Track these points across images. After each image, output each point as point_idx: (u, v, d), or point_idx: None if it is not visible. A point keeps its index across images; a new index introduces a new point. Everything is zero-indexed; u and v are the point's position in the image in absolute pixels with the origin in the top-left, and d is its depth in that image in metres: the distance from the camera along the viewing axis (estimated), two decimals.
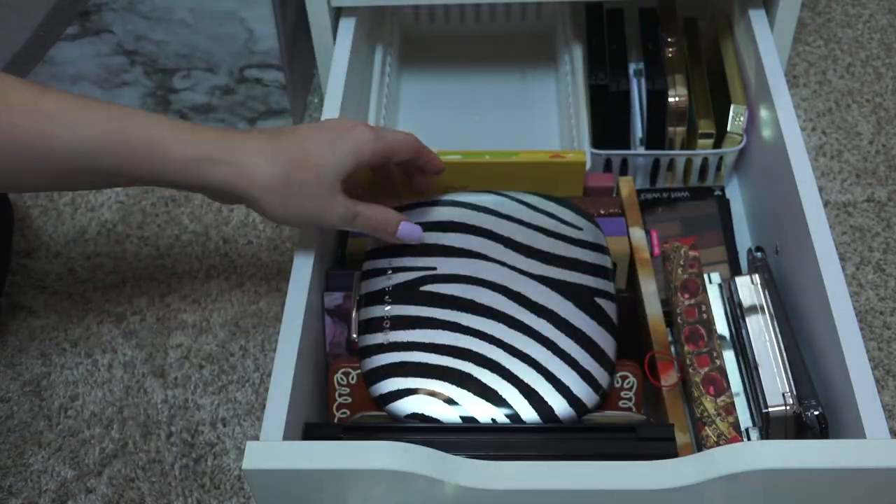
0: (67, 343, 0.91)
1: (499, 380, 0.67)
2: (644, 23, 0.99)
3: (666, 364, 0.75)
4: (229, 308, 0.93)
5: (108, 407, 0.87)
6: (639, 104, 0.99)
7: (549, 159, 0.83)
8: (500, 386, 0.67)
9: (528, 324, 0.70)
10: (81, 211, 1.02)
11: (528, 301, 0.71)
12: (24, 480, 0.82)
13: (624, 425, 0.67)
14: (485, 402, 0.67)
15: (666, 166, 0.96)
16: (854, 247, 0.95)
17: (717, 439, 0.70)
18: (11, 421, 0.86)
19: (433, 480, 0.59)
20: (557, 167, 0.83)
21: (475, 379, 0.67)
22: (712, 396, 0.71)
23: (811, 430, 0.70)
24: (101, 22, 1.00)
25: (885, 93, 1.09)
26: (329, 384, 0.72)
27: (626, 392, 0.74)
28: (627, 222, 0.83)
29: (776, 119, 0.85)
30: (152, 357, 0.90)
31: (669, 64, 0.95)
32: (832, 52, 1.14)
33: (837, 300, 0.70)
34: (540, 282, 0.72)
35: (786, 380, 0.72)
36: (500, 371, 0.68)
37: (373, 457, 0.59)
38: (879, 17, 1.17)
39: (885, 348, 0.88)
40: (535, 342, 0.69)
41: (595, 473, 0.59)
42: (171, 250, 0.98)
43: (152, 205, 1.02)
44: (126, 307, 0.94)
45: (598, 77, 0.94)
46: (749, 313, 0.76)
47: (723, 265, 0.89)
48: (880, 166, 1.02)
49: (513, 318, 0.70)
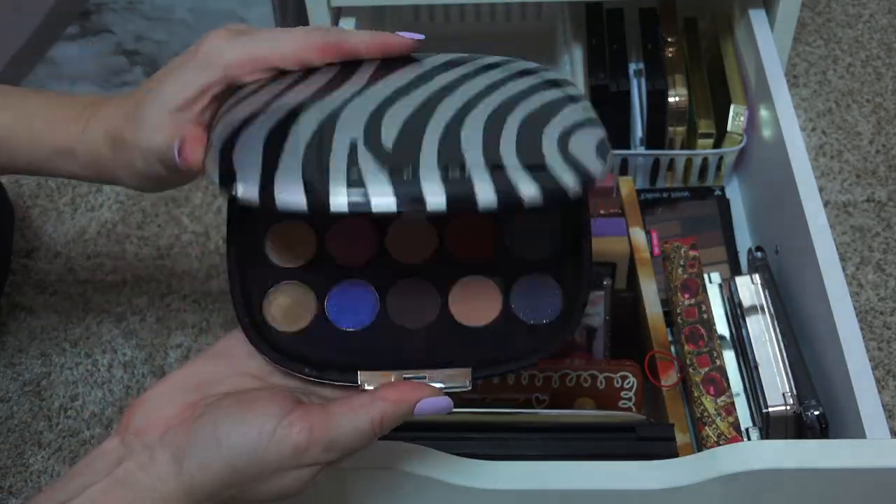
0: (67, 343, 0.91)
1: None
2: (644, 23, 0.99)
3: (666, 364, 0.75)
4: (229, 308, 0.93)
5: (108, 407, 0.87)
6: (639, 104, 0.99)
7: None
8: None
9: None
10: (81, 211, 1.02)
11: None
12: (24, 480, 0.82)
13: (624, 425, 0.67)
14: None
15: (666, 166, 0.96)
16: (854, 247, 0.95)
17: (717, 439, 0.70)
18: (11, 421, 0.86)
19: (433, 480, 0.59)
20: None
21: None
22: (712, 396, 0.71)
23: (811, 430, 0.70)
24: (101, 22, 1.00)
25: (885, 93, 1.09)
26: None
27: (626, 392, 0.74)
28: (627, 222, 0.83)
29: (776, 119, 0.85)
30: (152, 357, 0.90)
31: (669, 64, 0.95)
32: (832, 52, 1.14)
33: (837, 300, 0.70)
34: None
35: (786, 380, 0.72)
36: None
37: (372, 456, 0.59)
38: (879, 17, 1.17)
39: (885, 348, 0.88)
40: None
41: (595, 473, 0.59)
42: (171, 250, 0.98)
43: (152, 205, 1.02)
44: (126, 307, 0.94)
45: (598, 77, 0.94)
46: (749, 313, 0.76)
47: (723, 265, 0.89)
48: (880, 166, 1.02)
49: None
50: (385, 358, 0.53)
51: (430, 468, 0.59)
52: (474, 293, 0.54)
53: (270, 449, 0.48)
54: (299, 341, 0.53)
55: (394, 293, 0.54)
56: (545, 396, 0.76)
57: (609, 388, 0.75)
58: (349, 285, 0.55)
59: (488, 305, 0.54)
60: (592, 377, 0.75)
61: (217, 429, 0.48)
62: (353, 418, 0.49)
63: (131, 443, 0.50)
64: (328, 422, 0.48)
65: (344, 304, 0.54)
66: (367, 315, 0.54)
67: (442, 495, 0.60)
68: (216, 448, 0.48)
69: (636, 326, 0.82)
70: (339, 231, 0.56)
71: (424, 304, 0.54)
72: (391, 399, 0.49)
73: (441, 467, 0.59)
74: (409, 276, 0.54)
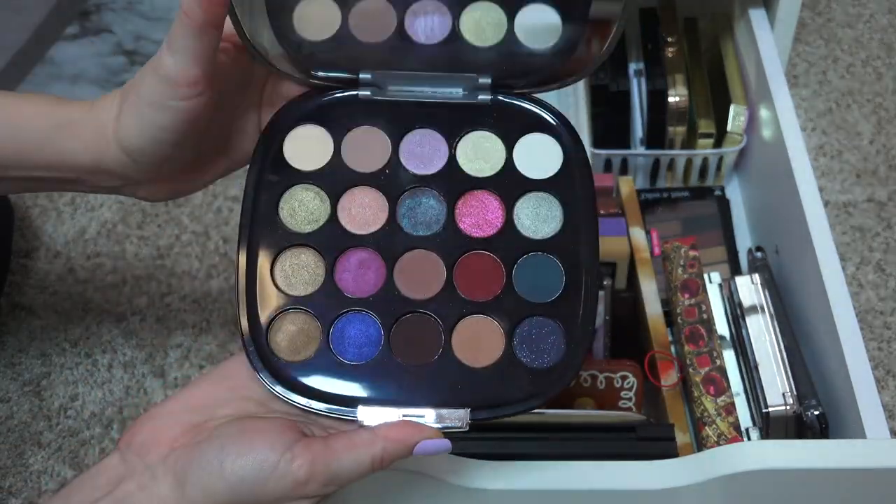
0: (67, 343, 0.91)
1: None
2: (644, 23, 0.99)
3: (666, 364, 0.75)
4: (229, 308, 0.93)
5: (108, 407, 0.87)
6: (639, 104, 0.99)
7: None
8: None
9: None
10: (81, 211, 1.02)
11: None
12: (24, 480, 0.82)
13: (624, 425, 0.67)
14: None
15: (666, 166, 0.96)
16: (854, 247, 0.95)
17: (717, 439, 0.70)
18: (11, 421, 0.86)
19: (433, 480, 0.59)
20: None
21: None
22: (712, 396, 0.71)
23: (811, 430, 0.70)
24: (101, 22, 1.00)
25: (885, 93, 1.09)
26: None
27: (626, 392, 0.75)
28: (627, 222, 0.83)
29: (776, 119, 0.84)
30: (152, 357, 0.90)
31: (669, 64, 0.94)
32: (832, 52, 1.14)
33: (837, 300, 0.70)
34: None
35: (786, 380, 0.72)
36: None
37: None
38: (880, 17, 1.17)
39: (885, 348, 0.88)
40: None
41: (595, 473, 0.59)
42: (171, 250, 0.98)
43: (152, 205, 1.02)
44: (126, 307, 0.94)
45: (598, 77, 0.94)
46: (749, 313, 0.76)
47: (723, 265, 0.89)
48: (881, 166, 1.02)
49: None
50: (385, 393, 0.53)
51: (429, 468, 0.59)
52: (478, 333, 0.54)
53: (272, 481, 0.48)
54: (302, 371, 0.53)
55: (398, 329, 0.54)
56: None
57: (609, 388, 0.75)
58: (355, 317, 0.55)
59: (491, 346, 0.54)
60: (592, 377, 0.75)
61: (221, 457, 0.48)
62: (354, 455, 0.49)
63: (132, 462, 0.50)
64: (329, 457, 0.49)
65: (348, 337, 0.54)
66: (371, 349, 0.54)
67: (442, 495, 0.60)
68: (219, 475, 0.48)
69: (636, 326, 0.82)
70: (348, 260, 0.56)
71: (427, 341, 0.54)
72: (392, 438, 0.50)
73: (441, 467, 0.59)
74: (415, 312, 0.55)
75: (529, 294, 0.55)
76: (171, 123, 0.53)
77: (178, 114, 0.52)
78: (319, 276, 0.55)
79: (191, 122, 0.53)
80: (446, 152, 0.58)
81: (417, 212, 0.57)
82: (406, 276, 0.55)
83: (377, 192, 0.57)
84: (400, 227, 0.57)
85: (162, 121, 0.53)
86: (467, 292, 0.55)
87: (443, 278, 0.55)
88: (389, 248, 0.56)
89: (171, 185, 0.59)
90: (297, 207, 0.57)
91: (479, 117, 0.59)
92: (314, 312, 0.55)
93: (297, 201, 0.57)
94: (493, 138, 0.59)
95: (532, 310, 0.55)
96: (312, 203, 0.57)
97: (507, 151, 0.58)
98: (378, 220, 0.57)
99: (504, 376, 0.54)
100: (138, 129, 0.53)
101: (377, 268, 0.56)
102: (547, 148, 0.59)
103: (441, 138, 0.58)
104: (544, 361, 0.54)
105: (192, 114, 0.53)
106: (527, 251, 0.56)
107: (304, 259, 0.56)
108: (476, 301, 0.55)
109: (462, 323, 0.55)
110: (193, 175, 0.59)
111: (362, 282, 0.55)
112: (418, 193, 0.57)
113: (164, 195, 0.60)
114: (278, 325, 0.54)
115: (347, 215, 0.57)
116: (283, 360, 0.54)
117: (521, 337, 0.54)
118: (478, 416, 0.52)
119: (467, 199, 0.57)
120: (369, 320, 0.55)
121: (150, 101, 0.52)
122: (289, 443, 0.49)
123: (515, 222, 0.57)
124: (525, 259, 0.56)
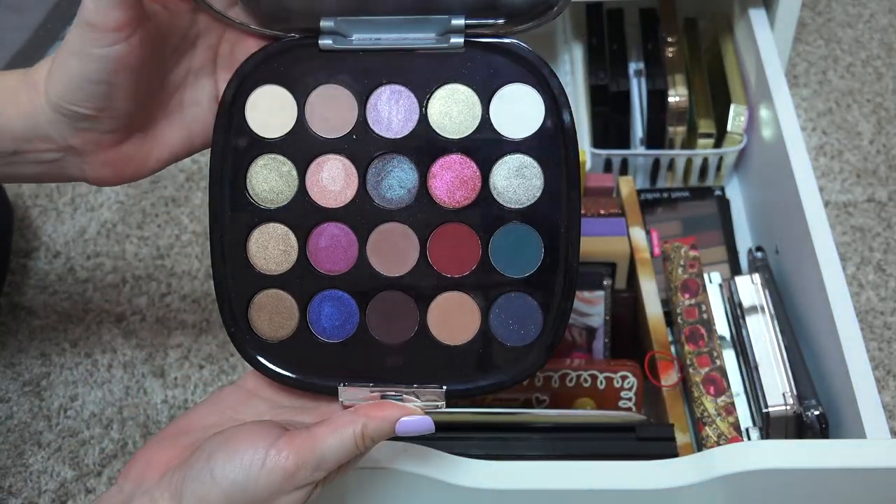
0: (67, 343, 0.91)
1: None
2: (644, 23, 0.99)
3: (666, 364, 0.75)
4: None
5: (108, 407, 0.87)
6: (639, 104, 0.99)
7: None
8: None
9: None
10: (81, 211, 1.02)
11: None
12: (24, 480, 0.82)
13: (624, 425, 0.67)
14: None
15: (666, 166, 0.96)
16: (854, 247, 0.95)
17: (717, 439, 0.70)
18: (11, 421, 0.86)
19: (433, 480, 0.59)
20: None
21: None
22: (712, 396, 0.71)
23: (811, 430, 0.70)
24: None
25: (885, 93, 1.09)
26: None
27: (626, 392, 0.75)
28: (627, 222, 0.83)
29: (776, 119, 0.85)
30: (152, 357, 0.90)
31: (669, 64, 0.95)
32: (832, 51, 1.14)
33: (837, 300, 0.70)
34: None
35: (786, 380, 0.72)
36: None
37: (371, 456, 0.59)
38: (880, 17, 1.17)
39: (886, 348, 0.88)
40: None
41: (595, 473, 0.60)
42: (171, 250, 0.98)
43: (152, 205, 1.02)
44: (126, 307, 0.94)
45: (598, 77, 0.94)
46: (749, 313, 0.76)
47: (723, 265, 0.89)
48: (881, 166, 1.02)
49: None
50: (364, 371, 0.53)
51: (429, 468, 0.59)
52: (453, 310, 0.53)
53: (262, 477, 0.49)
54: (282, 350, 0.54)
55: (373, 306, 0.54)
56: (545, 396, 0.76)
57: (609, 388, 0.75)
58: (331, 294, 0.54)
59: (467, 323, 0.53)
60: (592, 377, 0.75)
61: (210, 465, 0.49)
62: (337, 436, 0.50)
63: (131, 491, 0.51)
64: (313, 442, 0.50)
65: (325, 315, 0.54)
66: (348, 327, 0.54)
67: (442, 495, 0.60)
68: (212, 484, 0.49)
69: (636, 326, 0.82)
70: (320, 235, 0.54)
71: (403, 318, 0.53)
72: (374, 416, 0.51)
73: (441, 467, 0.59)
74: (389, 289, 0.54)
75: (506, 268, 0.53)
76: (97, 73, 0.50)
77: (104, 62, 0.50)
78: (293, 253, 0.54)
79: (119, 71, 0.50)
80: (417, 111, 0.54)
81: (388, 181, 0.54)
82: (379, 251, 0.54)
83: (346, 161, 0.54)
84: (370, 199, 0.54)
85: (87, 71, 0.50)
86: (442, 267, 0.53)
87: (416, 253, 0.54)
88: (360, 222, 0.54)
89: (117, 158, 0.55)
90: (265, 181, 0.54)
91: (452, 68, 0.53)
92: (290, 291, 0.54)
93: (263, 173, 0.54)
94: (468, 92, 0.53)
95: (509, 285, 0.53)
96: (280, 175, 0.54)
97: (483, 107, 0.53)
98: (348, 191, 0.54)
99: (480, 354, 0.53)
100: (65, 82, 0.51)
101: (349, 243, 0.54)
102: (527, 101, 0.53)
103: (411, 94, 0.54)
104: (521, 339, 0.53)
105: (119, 63, 0.50)
106: (504, 221, 0.53)
107: (277, 235, 0.54)
108: (451, 276, 0.53)
109: (437, 300, 0.53)
110: (140, 143, 0.55)
111: (335, 258, 0.54)
112: (388, 160, 0.54)
113: (113, 172, 0.55)
114: (259, 303, 0.54)
115: (316, 187, 0.54)
116: (264, 338, 0.54)
117: (497, 313, 0.53)
118: (454, 394, 0.52)
119: (441, 164, 0.54)
120: (345, 298, 0.54)
121: (73, 51, 0.50)
122: (272, 439, 0.49)
123: (492, 190, 0.53)
124: (503, 229, 0.53)
